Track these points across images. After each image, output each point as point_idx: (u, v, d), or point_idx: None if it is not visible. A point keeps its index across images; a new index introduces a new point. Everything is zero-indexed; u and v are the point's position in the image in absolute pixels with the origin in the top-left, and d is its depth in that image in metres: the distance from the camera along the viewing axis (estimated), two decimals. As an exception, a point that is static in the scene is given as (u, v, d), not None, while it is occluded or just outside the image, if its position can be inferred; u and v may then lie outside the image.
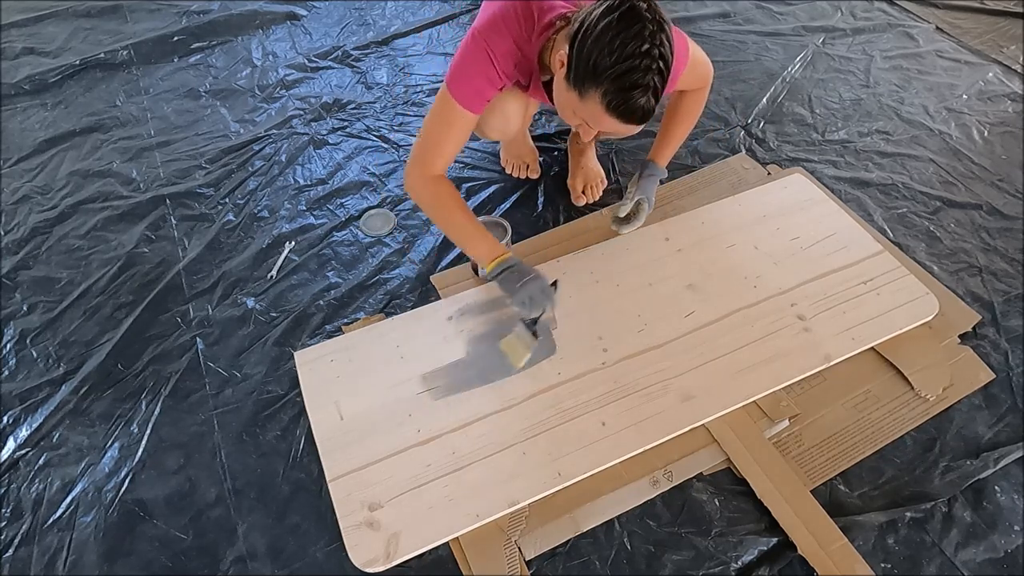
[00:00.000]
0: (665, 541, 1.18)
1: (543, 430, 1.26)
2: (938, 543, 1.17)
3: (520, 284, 1.30)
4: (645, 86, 1.06)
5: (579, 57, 1.08)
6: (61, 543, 1.19)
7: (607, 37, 1.04)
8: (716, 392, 1.31)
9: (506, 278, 1.32)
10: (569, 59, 1.10)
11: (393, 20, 2.28)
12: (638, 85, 1.05)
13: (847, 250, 1.53)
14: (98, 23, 2.26)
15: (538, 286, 1.31)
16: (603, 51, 1.05)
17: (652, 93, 1.07)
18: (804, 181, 1.70)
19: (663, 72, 1.07)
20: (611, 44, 1.04)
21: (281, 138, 1.89)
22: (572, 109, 1.16)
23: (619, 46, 1.04)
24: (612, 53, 1.04)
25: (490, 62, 1.23)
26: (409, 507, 1.18)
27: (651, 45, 1.04)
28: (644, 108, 1.08)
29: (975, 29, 2.22)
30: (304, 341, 1.44)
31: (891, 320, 1.40)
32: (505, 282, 1.32)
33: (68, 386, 1.38)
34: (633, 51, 1.03)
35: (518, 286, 1.30)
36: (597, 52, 1.05)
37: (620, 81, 1.05)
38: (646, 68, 1.04)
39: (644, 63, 1.04)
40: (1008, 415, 1.32)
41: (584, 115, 1.15)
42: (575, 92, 1.12)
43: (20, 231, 1.67)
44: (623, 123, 1.12)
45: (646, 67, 1.04)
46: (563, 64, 1.12)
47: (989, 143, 1.85)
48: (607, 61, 1.05)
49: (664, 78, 1.07)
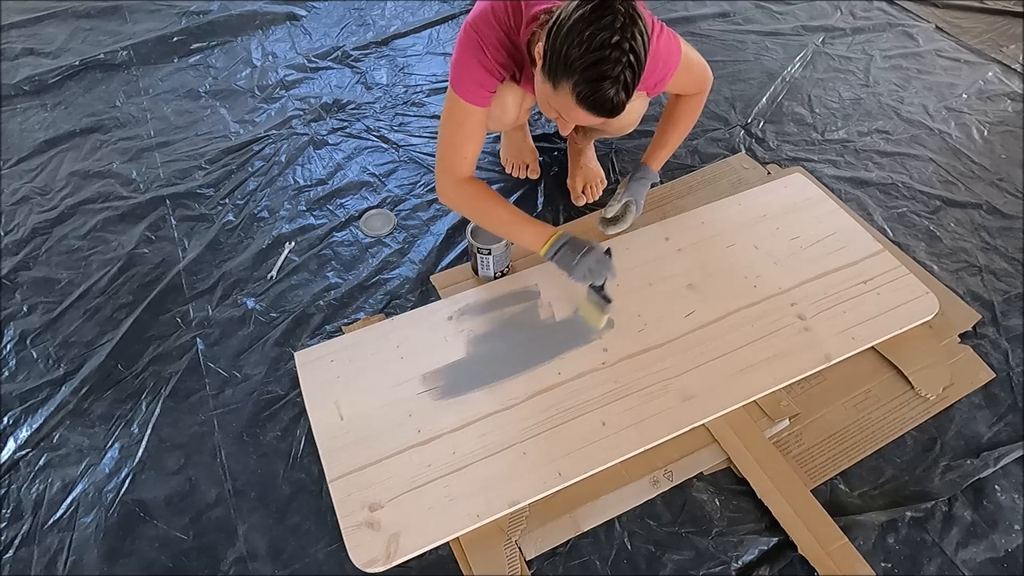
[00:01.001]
0: (665, 541, 1.18)
1: (543, 430, 1.26)
2: (938, 542, 1.17)
3: (577, 259, 1.30)
4: (615, 78, 1.06)
5: (552, 49, 1.08)
6: (61, 544, 1.19)
7: (578, 28, 1.04)
8: (716, 392, 1.31)
9: (562, 256, 1.32)
10: (544, 51, 1.11)
11: (393, 20, 2.28)
12: (607, 77, 1.05)
13: (847, 249, 1.53)
14: (98, 24, 2.26)
15: (594, 257, 1.31)
16: (574, 42, 1.05)
17: (622, 87, 1.07)
18: (804, 181, 1.70)
19: (634, 66, 1.06)
20: (581, 35, 1.04)
21: (281, 138, 1.89)
22: (547, 101, 1.17)
23: (589, 37, 1.04)
24: (582, 44, 1.04)
25: (484, 52, 1.24)
26: (409, 507, 1.18)
27: (621, 38, 1.04)
28: (613, 100, 1.08)
29: (975, 28, 2.22)
30: (304, 341, 1.44)
31: (891, 319, 1.41)
32: (563, 260, 1.32)
33: (68, 387, 1.38)
34: (603, 42, 1.03)
35: (575, 262, 1.31)
36: (568, 44, 1.06)
37: (589, 72, 1.06)
38: (615, 60, 1.04)
39: (614, 55, 1.04)
40: (1008, 414, 1.32)
41: (557, 106, 1.16)
42: (549, 84, 1.12)
43: (20, 232, 1.67)
44: (593, 115, 1.12)
45: (615, 59, 1.04)
46: (540, 56, 1.13)
47: (989, 142, 1.85)
48: (577, 52, 1.05)
49: (635, 72, 1.07)
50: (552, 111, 1.20)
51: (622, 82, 1.07)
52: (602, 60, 1.04)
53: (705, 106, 1.52)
